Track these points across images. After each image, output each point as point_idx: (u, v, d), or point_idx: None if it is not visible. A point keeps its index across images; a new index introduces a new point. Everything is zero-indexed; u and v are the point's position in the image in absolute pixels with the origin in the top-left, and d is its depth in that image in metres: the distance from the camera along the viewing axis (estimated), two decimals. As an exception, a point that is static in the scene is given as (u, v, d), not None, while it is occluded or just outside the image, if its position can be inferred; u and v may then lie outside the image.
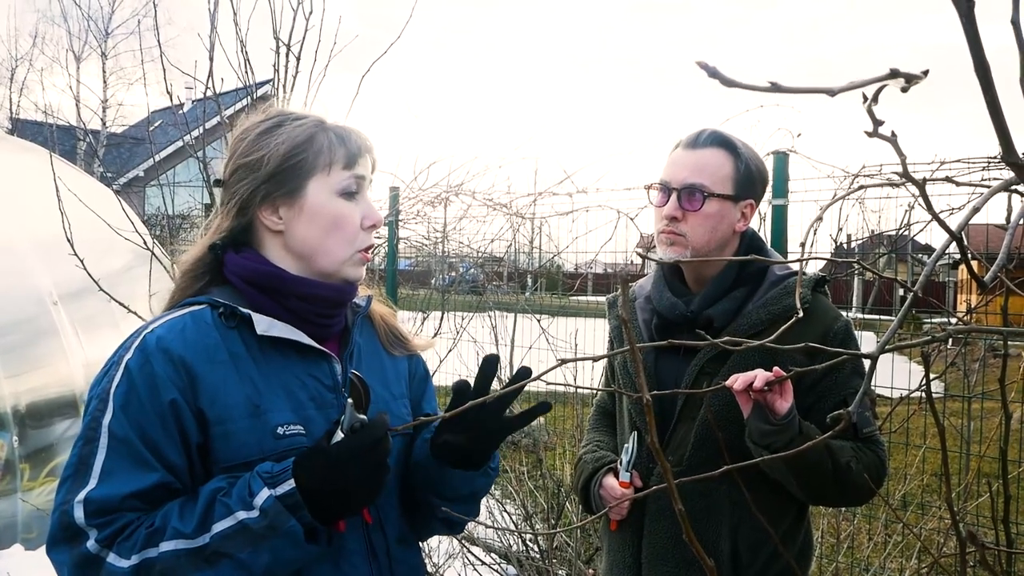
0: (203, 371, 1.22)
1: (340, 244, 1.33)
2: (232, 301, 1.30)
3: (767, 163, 2.77)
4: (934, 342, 0.71)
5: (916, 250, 4.71)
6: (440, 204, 4.67)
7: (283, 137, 1.32)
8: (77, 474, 1.17)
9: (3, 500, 3.55)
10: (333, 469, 1.17)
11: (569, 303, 5.55)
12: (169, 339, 1.23)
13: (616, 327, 1.97)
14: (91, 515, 1.14)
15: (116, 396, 1.19)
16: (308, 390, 1.31)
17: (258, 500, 1.15)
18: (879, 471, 1.64)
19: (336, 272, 1.35)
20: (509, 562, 3.54)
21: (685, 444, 1.71)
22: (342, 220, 1.33)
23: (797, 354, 1.61)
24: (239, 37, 3.05)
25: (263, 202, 1.32)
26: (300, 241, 1.33)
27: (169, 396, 1.19)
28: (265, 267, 1.32)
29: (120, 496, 1.15)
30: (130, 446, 1.17)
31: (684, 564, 1.69)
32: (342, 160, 1.33)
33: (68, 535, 1.14)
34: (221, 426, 1.22)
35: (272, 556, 1.15)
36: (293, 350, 1.31)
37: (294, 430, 1.26)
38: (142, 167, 18.55)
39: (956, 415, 4.19)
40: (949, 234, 0.65)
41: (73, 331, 4.10)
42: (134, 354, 1.22)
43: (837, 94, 0.44)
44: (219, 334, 1.27)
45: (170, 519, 1.15)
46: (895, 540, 3.59)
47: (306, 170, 1.31)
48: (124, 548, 1.13)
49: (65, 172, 3.58)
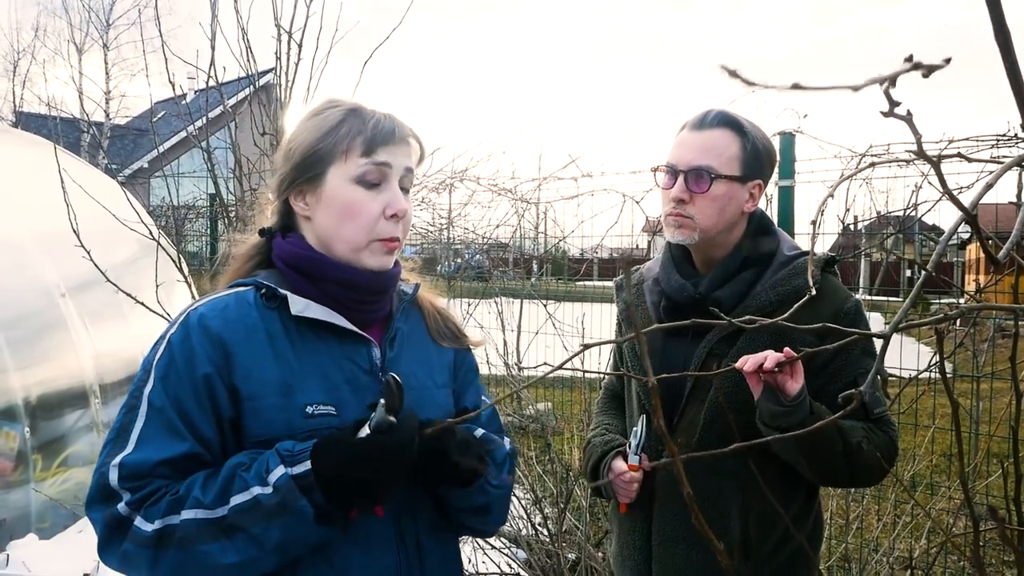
0: (239, 348, 1.27)
1: (354, 232, 1.34)
2: (276, 284, 1.34)
3: (773, 143, 2.75)
4: (946, 320, 0.71)
5: (923, 230, 4.68)
6: (445, 190, 4.66)
7: (313, 124, 1.35)
8: (117, 439, 1.23)
9: (16, 490, 3.58)
10: (351, 462, 1.19)
11: (575, 288, 5.54)
12: (210, 317, 1.29)
13: (623, 310, 1.97)
14: (124, 478, 1.19)
15: (158, 368, 1.26)
16: (344, 372, 1.33)
17: (272, 477, 1.18)
18: (890, 452, 1.64)
19: (353, 260, 1.35)
20: (519, 546, 3.55)
21: (695, 426, 1.70)
22: (355, 208, 1.33)
23: (808, 335, 1.60)
24: (240, 25, 3.04)
25: (291, 188, 1.36)
26: (321, 228, 1.36)
27: (204, 370, 1.25)
28: (305, 252, 1.36)
29: (152, 462, 1.20)
30: (165, 416, 1.23)
31: (695, 546, 1.70)
32: (360, 147, 1.32)
33: (104, 495, 1.20)
34: (252, 402, 1.26)
35: (283, 533, 1.18)
36: (332, 333, 1.33)
37: (324, 410, 1.28)
38: (146, 158, 18.56)
39: (965, 395, 4.18)
40: (963, 212, 0.65)
41: (81, 323, 4.12)
42: (177, 329, 1.29)
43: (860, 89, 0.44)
44: (259, 314, 1.31)
45: (193, 489, 1.19)
46: (904, 521, 3.59)
47: (327, 157, 1.33)
48: (151, 513, 1.18)
49: (70, 164, 3.58)
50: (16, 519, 3.50)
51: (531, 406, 4.71)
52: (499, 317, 4.37)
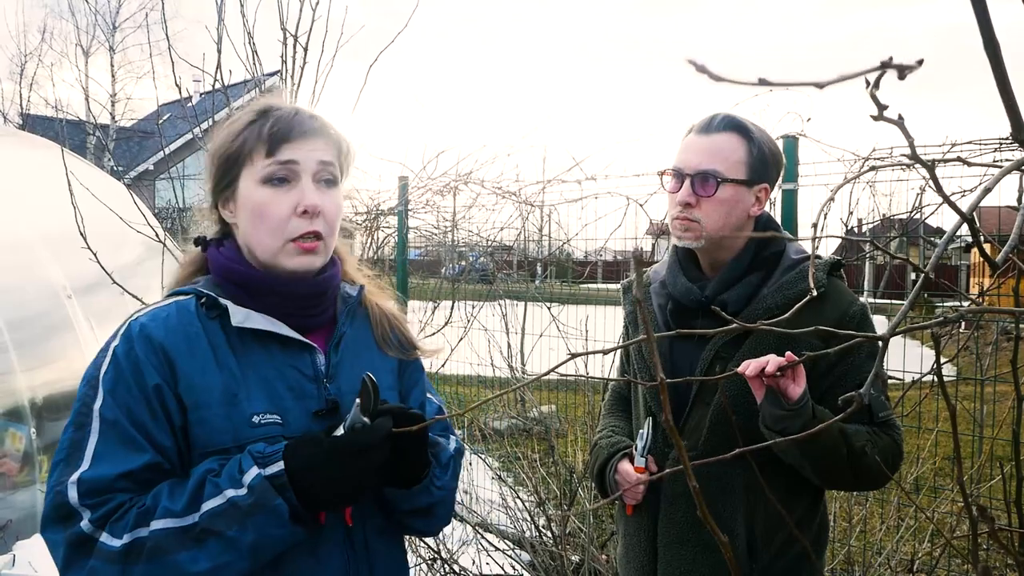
0: (181, 359, 1.25)
1: (266, 234, 1.31)
2: (216, 292, 1.32)
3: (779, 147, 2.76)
4: (946, 324, 0.72)
5: (928, 233, 4.68)
6: (449, 193, 4.67)
7: (226, 130, 1.34)
8: (70, 458, 1.19)
9: (23, 491, 3.60)
10: (324, 461, 1.19)
11: (579, 291, 5.55)
12: (151, 327, 1.26)
13: (631, 312, 1.97)
14: (84, 495, 1.16)
15: (105, 381, 1.22)
16: (287, 380, 1.31)
17: (247, 478, 1.18)
18: (895, 455, 1.64)
19: (271, 262, 1.32)
20: (523, 548, 3.56)
21: (700, 429, 1.71)
22: (263, 209, 1.30)
23: (812, 338, 1.60)
24: (246, 29, 3.05)
25: (217, 196, 1.36)
26: (243, 234, 1.35)
27: (153, 380, 1.22)
28: (236, 265, 1.34)
29: (112, 476, 1.17)
30: (120, 428, 1.20)
31: (701, 547, 1.70)
32: (263, 147, 1.30)
33: (61, 515, 1.16)
34: (197, 412, 1.24)
35: (257, 533, 1.17)
36: (275, 341, 1.31)
37: (270, 419, 1.27)
38: (152, 160, 18.62)
39: (969, 399, 4.18)
40: (960, 215, 0.66)
41: (88, 324, 4.13)
42: (120, 341, 1.26)
43: (825, 87, 0.45)
44: (201, 324, 1.29)
45: (160, 499, 1.17)
46: (907, 524, 3.59)
47: (239, 161, 1.31)
48: (116, 528, 1.15)
49: (76, 167, 3.60)
50: (22, 520, 3.52)
51: (535, 409, 4.72)
52: (503, 319, 4.38)
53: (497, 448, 4.43)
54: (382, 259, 5.09)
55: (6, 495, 3.55)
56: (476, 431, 4.88)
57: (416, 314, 4.83)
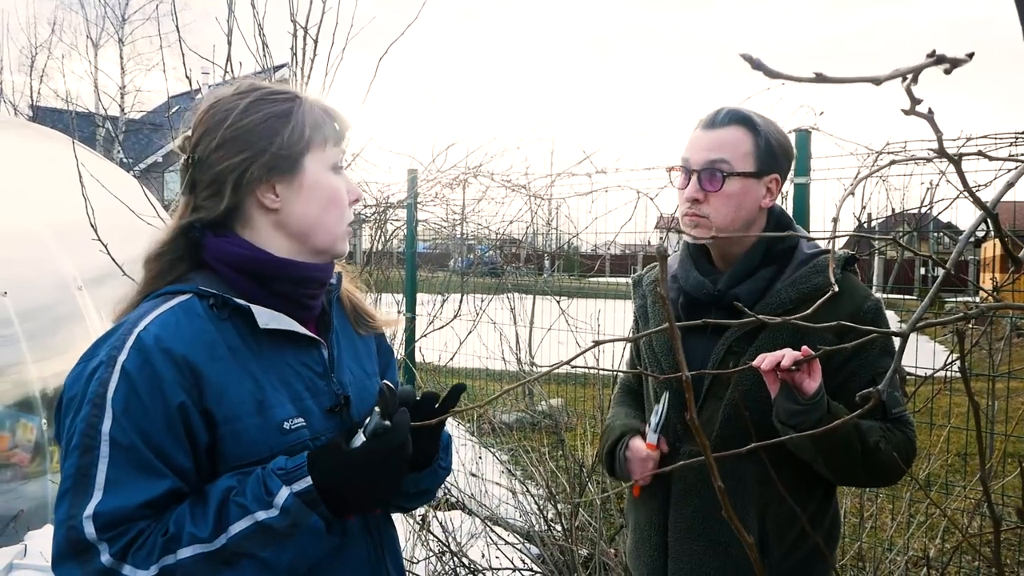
0: (207, 369, 1.17)
1: (336, 219, 1.33)
2: (217, 288, 1.24)
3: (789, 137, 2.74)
4: (967, 319, 0.70)
5: (938, 228, 4.65)
6: (458, 186, 4.67)
7: (277, 110, 1.27)
8: (77, 486, 1.10)
9: (34, 482, 3.62)
10: (354, 471, 1.17)
11: (587, 284, 5.54)
12: (167, 337, 1.16)
13: (642, 306, 1.95)
14: (101, 529, 1.08)
15: (115, 401, 1.12)
16: (303, 380, 1.28)
17: (279, 499, 1.13)
18: (908, 452, 1.62)
19: (331, 248, 1.34)
20: (531, 542, 3.56)
21: (713, 423, 1.70)
22: (337, 195, 1.33)
23: (828, 333, 1.59)
24: (256, 20, 3.05)
25: (263, 177, 1.26)
26: (298, 218, 1.29)
27: (178, 400, 1.14)
28: (254, 253, 1.27)
29: (132, 507, 1.10)
30: (135, 453, 1.11)
31: (711, 544, 1.69)
32: (334, 135, 1.33)
33: (77, 550, 1.08)
34: (229, 425, 1.18)
35: (296, 553, 1.14)
36: (286, 340, 1.27)
37: (297, 423, 1.24)
38: (161, 153, 18.68)
39: (980, 395, 4.15)
40: (984, 211, 0.64)
41: (98, 316, 4.15)
42: (129, 355, 1.14)
43: (883, 83, 0.43)
44: (214, 327, 1.21)
45: (184, 524, 1.11)
46: (919, 520, 3.57)
47: (304, 145, 1.29)
48: (139, 558, 1.09)
49: (87, 158, 3.60)
50: (34, 510, 3.54)
51: (544, 402, 4.72)
52: (512, 313, 4.37)
53: (507, 441, 4.43)
54: (391, 252, 5.09)
55: (17, 486, 3.57)
56: (485, 424, 4.89)
57: (425, 307, 4.83)
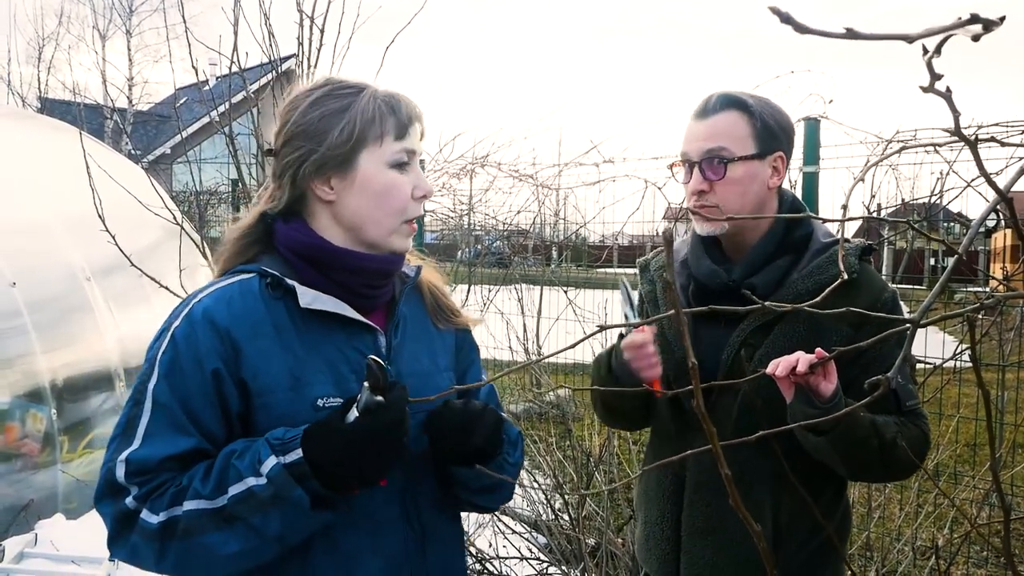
0: (247, 343, 1.25)
1: (389, 215, 1.34)
2: (281, 271, 1.31)
3: (798, 129, 2.72)
4: (982, 309, 0.70)
5: (949, 218, 4.62)
6: (465, 176, 4.65)
7: (336, 107, 1.32)
8: (124, 434, 1.23)
9: (44, 471, 3.64)
10: (345, 447, 1.18)
11: (595, 274, 5.53)
12: (215, 310, 1.26)
13: (650, 291, 1.89)
14: (130, 474, 1.20)
15: (162, 363, 1.24)
16: (351, 363, 1.32)
17: (265, 467, 1.17)
18: (922, 445, 1.59)
19: (383, 243, 1.36)
20: (539, 531, 3.57)
21: (728, 418, 1.66)
22: (392, 191, 1.34)
23: (842, 325, 1.56)
24: (263, 11, 3.04)
25: (316, 173, 1.32)
26: (351, 212, 1.34)
27: (212, 366, 1.23)
28: (311, 239, 1.33)
29: (157, 459, 1.20)
30: (170, 412, 1.22)
31: (725, 538, 1.66)
32: (393, 131, 1.33)
33: (112, 490, 1.21)
34: (261, 398, 1.25)
35: (282, 523, 1.18)
36: (337, 322, 1.32)
37: (334, 402, 1.27)
38: (169, 144, 18.68)
39: (990, 385, 4.13)
40: (999, 194, 0.63)
41: (106, 306, 4.17)
42: (181, 323, 1.26)
43: (915, 40, 0.42)
44: (264, 305, 1.29)
45: (194, 480, 1.20)
46: (927, 510, 3.56)
47: (358, 141, 1.31)
48: (155, 505, 1.19)
49: (95, 150, 3.61)
50: (44, 499, 3.56)
51: (551, 392, 4.72)
52: (519, 303, 4.37)
53: (513, 431, 4.43)
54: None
55: (27, 475, 3.59)
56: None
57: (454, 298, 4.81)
